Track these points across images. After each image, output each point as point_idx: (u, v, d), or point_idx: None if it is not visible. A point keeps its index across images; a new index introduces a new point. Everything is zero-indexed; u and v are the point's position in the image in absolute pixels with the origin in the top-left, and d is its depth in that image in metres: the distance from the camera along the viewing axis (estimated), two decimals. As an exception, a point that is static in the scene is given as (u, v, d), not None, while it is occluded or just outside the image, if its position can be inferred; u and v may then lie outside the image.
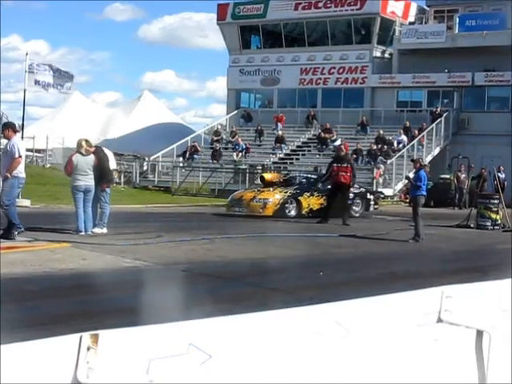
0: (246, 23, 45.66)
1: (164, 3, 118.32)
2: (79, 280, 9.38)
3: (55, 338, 2.41)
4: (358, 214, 23.29)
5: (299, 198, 22.02)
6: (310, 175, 25.37)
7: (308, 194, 22.27)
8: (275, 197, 21.71)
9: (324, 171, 30.76)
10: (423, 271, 11.53)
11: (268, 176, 24.57)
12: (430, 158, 36.80)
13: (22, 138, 27.23)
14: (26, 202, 22.74)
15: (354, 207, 23.28)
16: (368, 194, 24.36)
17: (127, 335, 2.52)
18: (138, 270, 10.33)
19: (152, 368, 2.56)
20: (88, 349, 2.41)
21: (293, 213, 21.67)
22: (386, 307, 3.72)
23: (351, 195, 23.09)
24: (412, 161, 19.85)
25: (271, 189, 22.36)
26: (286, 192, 22.06)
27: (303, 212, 21.91)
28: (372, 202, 24.09)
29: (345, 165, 20.72)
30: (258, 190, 22.78)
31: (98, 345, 2.42)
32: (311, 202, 22.22)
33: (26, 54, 25.00)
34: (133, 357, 2.50)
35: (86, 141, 15.14)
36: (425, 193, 16.55)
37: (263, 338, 3.19)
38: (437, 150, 38.10)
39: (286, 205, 21.71)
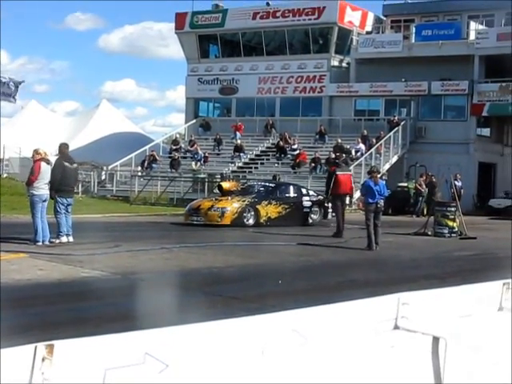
0: (204, 32, 45.67)
1: (125, 12, 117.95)
2: (36, 291, 9.26)
3: (9, 348, 2.38)
4: (316, 222, 23.40)
5: (257, 206, 21.93)
6: (268, 183, 25.30)
7: (266, 203, 22.20)
8: (233, 205, 21.55)
9: (275, 179, 30.94)
10: (381, 279, 11.60)
11: (226, 185, 24.30)
12: (387, 166, 37.10)
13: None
14: (-18, 213, 22.42)
15: (312, 215, 23.38)
16: (325, 202, 23.90)
17: (83, 345, 2.50)
18: (96, 280, 10.24)
19: (108, 378, 2.54)
20: (43, 359, 2.39)
21: (251, 221, 21.59)
22: (343, 314, 3.74)
23: (309, 203, 23.35)
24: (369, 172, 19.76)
25: (229, 197, 22.18)
26: (244, 201, 21.91)
27: (261, 220, 21.83)
28: (330, 210, 23.61)
29: (348, 173, 20.52)
30: (216, 199, 22.57)
31: (53, 355, 2.40)
32: (269, 210, 22.17)
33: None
34: (89, 367, 2.48)
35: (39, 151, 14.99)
36: (373, 200, 16.47)
37: (221, 347, 3.18)
38: (394, 159, 38.42)
39: (244, 213, 21.56)
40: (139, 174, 38.94)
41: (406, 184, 34.72)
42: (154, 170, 39.87)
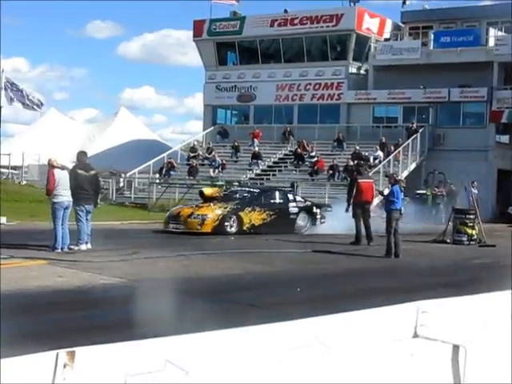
0: (222, 40, 45.75)
1: (144, 20, 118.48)
2: (55, 297, 9.31)
3: (31, 355, 2.40)
4: (304, 230, 22.55)
5: (240, 213, 21.14)
6: (252, 189, 24.47)
7: (249, 209, 21.46)
8: (214, 212, 20.72)
9: (293, 187, 30.75)
10: (400, 287, 11.56)
11: (208, 191, 23.22)
12: (406, 173, 36.95)
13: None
14: (2, 219, 22.60)
15: (299, 222, 22.57)
16: (314, 208, 23.55)
17: (103, 352, 2.51)
18: (115, 286, 10.28)
19: (129, 384, 2.55)
20: (64, 366, 2.40)
21: (233, 229, 20.80)
22: (363, 322, 3.73)
23: (295, 209, 22.63)
24: (387, 176, 19.74)
25: (212, 204, 21.41)
26: (226, 207, 21.15)
27: (244, 228, 21.11)
28: (319, 216, 23.19)
29: (369, 181, 20.15)
30: (197, 206, 21.86)
31: (74, 362, 2.41)
32: (253, 217, 21.44)
33: (2, 71, 24.91)
34: (109, 373, 2.49)
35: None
36: (398, 207, 16.56)
37: (241, 354, 3.17)
38: (413, 166, 38.27)
39: (226, 221, 20.73)
40: (157, 181, 38.99)
41: (424, 191, 34.58)
42: (172, 177, 39.93)
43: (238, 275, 12.37)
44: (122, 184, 39.64)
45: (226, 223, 20.77)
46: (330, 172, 37.08)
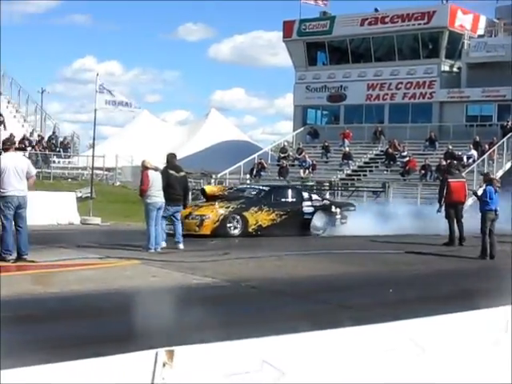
0: (312, 40, 45.71)
1: (235, 22, 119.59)
2: (150, 297, 9.46)
3: (131, 353, 2.44)
4: (321, 231, 20.86)
5: (244, 213, 19.25)
6: (261, 187, 22.13)
7: (256, 209, 19.47)
8: (215, 212, 18.79)
9: (384, 187, 30.41)
10: (494, 288, 11.30)
11: (210, 189, 21.18)
12: (500, 173, 36.07)
13: (93, 156, 27.84)
14: (97, 220, 23.17)
15: (315, 222, 20.73)
16: (333, 207, 21.71)
17: (202, 351, 2.54)
18: (207, 286, 10.37)
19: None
20: (164, 364, 2.44)
21: (237, 231, 19.03)
22: (460, 325, 3.66)
23: (311, 209, 20.81)
24: (482, 174, 19.25)
25: (216, 203, 19.33)
26: (228, 207, 19.20)
27: (250, 229, 19.29)
28: (338, 216, 21.43)
29: (461, 180, 19.42)
30: (196, 205, 19.82)
31: (173, 361, 2.44)
32: (260, 217, 19.56)
33: (97, 74, 25.53)
34: (208, 373, 2.51)
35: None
36: (493, 207, 16.17)
37: (335, 356, 3.17)
38: (508, 165, 37.36)
39: (228, 222, 18.88)
40: (248, 181, 39.26)
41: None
42: (263, 177, 40.15)
43: (331, 276, 12.32)
44: (213, 185, 40.03)
45: (229, 224, 18.96)
46: (422, 172, 36.62)
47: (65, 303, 8.75)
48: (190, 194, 35.07)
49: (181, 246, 15.33)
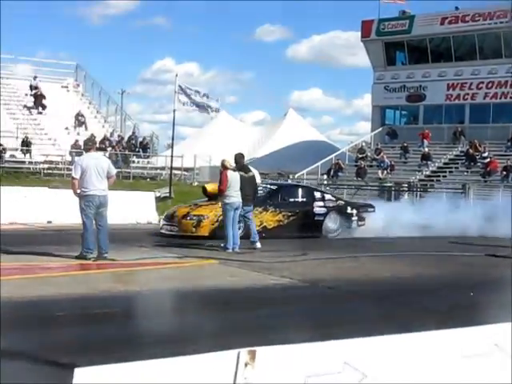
0: (391, 39, 45.32)
1: (313, 23, 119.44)
2: (229, 296, 9.51)
3: (214, 353, 2.45)
4: (335, 233, 19.57)
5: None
6: (267, 185, 20.31)
7: (260, 210, 17.92)
8: (214, 212, 17.33)
9: (464, 189, 29.78)
10: None
11: (211, 187, 18.53)
12: None
13: (172, 156, 28.18)
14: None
15: (328, 224, 19.47)
16: (349, 208, 20.32)
17: (283, 352, 2.53)
18: (285, 287, 10.37)
19: (308, 385, 2.56)
20: (246, 365, 2.44)
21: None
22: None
23: (323, 210, 19.51)
24: None
25: (215, 203, 17.31)
26: None
27: None
28: (355, 218, 20.16)
29: None
30: (195, 205, 18.39)
31: (255, 361, 2.45)
32: (264, 218, 18.16)
33: (176, 75, 25.82)
34: (289, 373, 2.51)
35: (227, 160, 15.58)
36: None
37: (417, 359, 3.12)
38: None
39: None
40: (325, 182, 39.17)
41: None
42: (340, 178, 40.00)
43: (409, 278, 12.18)
44: (290, 185, 40.06)
45: None
46: (504, 173, 35.90)
47: (144, 301, 8.87)
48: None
49: (258, 244, 15.41)
